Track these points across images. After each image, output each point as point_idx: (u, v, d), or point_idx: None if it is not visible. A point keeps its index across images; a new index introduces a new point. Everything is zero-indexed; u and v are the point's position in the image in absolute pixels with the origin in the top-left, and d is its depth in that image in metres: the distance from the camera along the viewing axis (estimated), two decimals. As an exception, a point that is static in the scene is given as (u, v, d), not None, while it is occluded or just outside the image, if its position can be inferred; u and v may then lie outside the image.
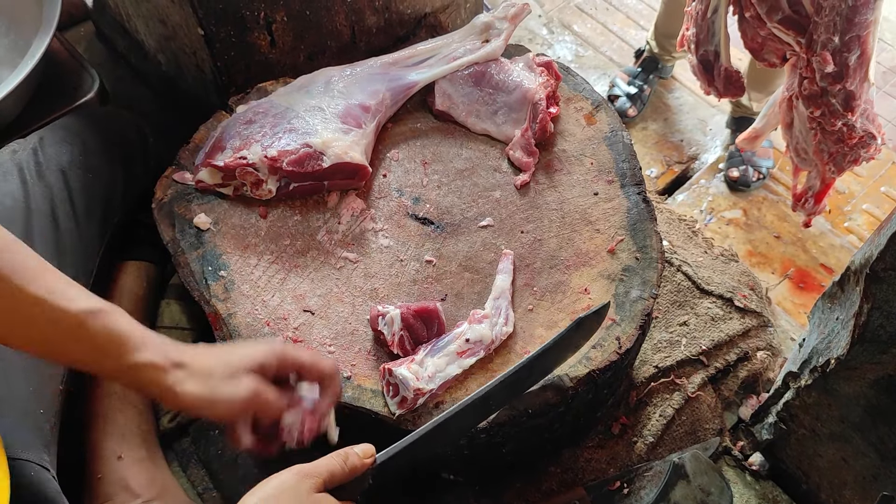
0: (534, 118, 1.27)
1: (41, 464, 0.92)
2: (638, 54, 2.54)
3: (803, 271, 1.99)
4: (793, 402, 1.21)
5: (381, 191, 1.25)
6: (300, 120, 1.21)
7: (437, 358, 1.01)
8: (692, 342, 1.43)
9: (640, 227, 1.19)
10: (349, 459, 0.82)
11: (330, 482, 0.80)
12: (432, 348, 1.02)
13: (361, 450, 0.84)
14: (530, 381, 1.00)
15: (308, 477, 0.78)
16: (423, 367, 0.99)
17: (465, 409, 0.92)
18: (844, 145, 1.38)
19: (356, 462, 0.82)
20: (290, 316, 1.09)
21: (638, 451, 1.31)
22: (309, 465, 0.79)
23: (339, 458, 0.82)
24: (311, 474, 0.78)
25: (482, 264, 1.17)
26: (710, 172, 2.23)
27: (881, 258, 0.88)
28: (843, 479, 1.21)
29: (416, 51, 1.36)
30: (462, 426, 0.95)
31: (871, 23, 1.24)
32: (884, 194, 2.18)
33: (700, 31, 1.56)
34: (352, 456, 0.83)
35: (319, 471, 0.79)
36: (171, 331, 1.31)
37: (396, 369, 0.98)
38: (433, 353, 1.02)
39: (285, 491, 0.76)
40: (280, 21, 1.35)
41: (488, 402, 0.95)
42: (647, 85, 2.39)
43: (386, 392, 1.01)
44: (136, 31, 1.61)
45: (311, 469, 0.79)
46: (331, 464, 0.80)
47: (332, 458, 0.81)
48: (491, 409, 0.97)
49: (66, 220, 1.12)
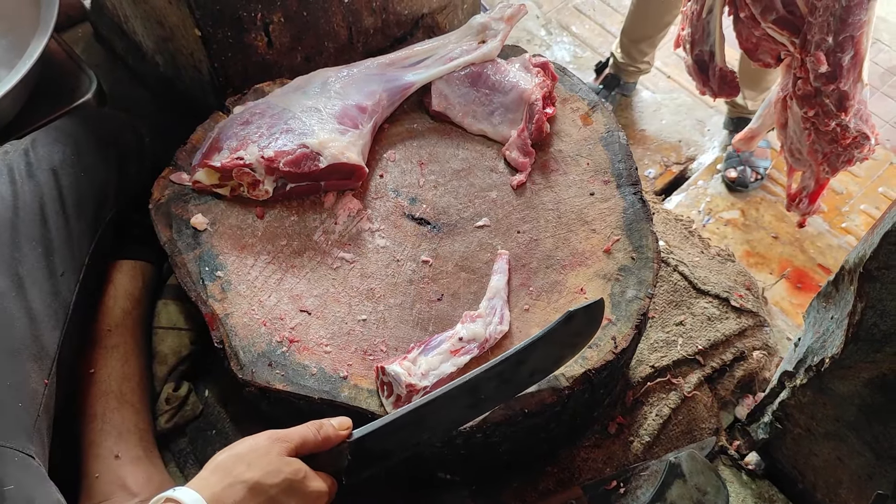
0: (530, 119, 1.27)
1: (25, 451, 0.93)
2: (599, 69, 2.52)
3: (801, 271, 2.00)
4: (788, 401, 1.21)
5: (377, 191, 1.25)
6: (297, 121, 1.21)
7: (430, 356, 1.01)
8: (688, 342, 1.43)
9: (636, 227, 1.19)
10: (323, 428, 0.84)
11: (302, 448, 0.81)
12: (426, 347, 1.03)
13: (337, 422, 0.86)
14: (526, 380, 1.00)
15: (280, 441, 0.80)
16: (416, 364, 1.00)
17: (451, 396, 0.92)
18: (838, 145, 1.39)
19: (330, 432, 0.84)
20: (287, 316, 1.09)
21: (634, 451, 1.32)
22: (282, 430, 0.82)
23: (314, 426, 0.84)
24: (283, 438, 0.81)
25: (478, 264, 1.17)
26: (708, 173, 2.24)
27: (874, 257, 0.89)
28: (838, 478, 1.22)
29: (413, 52, 1.37)
30: (451, 417, 0.94)
31: (864, 23, 1.24)
32: (881, 195, 2.19)
33: (695, 32, 1.57)
34: (326, 426, 0.85)
35: (291, 436, 0.82)
36: (169, 331, 1.31)
37: (389, 367, 0.98)
38: (426, 351, 1.02)
39: (255, 450, 0.79)
40: (277, 22, 1.35)
41: (478, 394, 0.94)
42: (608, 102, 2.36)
43: (381, 392, 1.01)
44: (133, 33, 1.61)
45: (284, 434, 0.81)
46: (304, 431, 0.83)
47: (306, 426, 0.84)
48: (482, 401, 0.96)
49: (55, 217, 1.12)
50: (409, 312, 1.12)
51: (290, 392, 1.01)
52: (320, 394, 1.01)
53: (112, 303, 1.24)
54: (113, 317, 1.23)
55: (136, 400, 1.20)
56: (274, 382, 1.02)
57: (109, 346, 1.21)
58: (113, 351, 1.21)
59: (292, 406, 1.04)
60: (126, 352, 1.22)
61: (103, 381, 1.18)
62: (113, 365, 1.20)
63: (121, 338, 1.22)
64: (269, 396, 1.04)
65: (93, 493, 1.11)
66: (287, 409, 1.06)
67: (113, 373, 1.19)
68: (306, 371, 1.04)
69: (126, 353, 1.22)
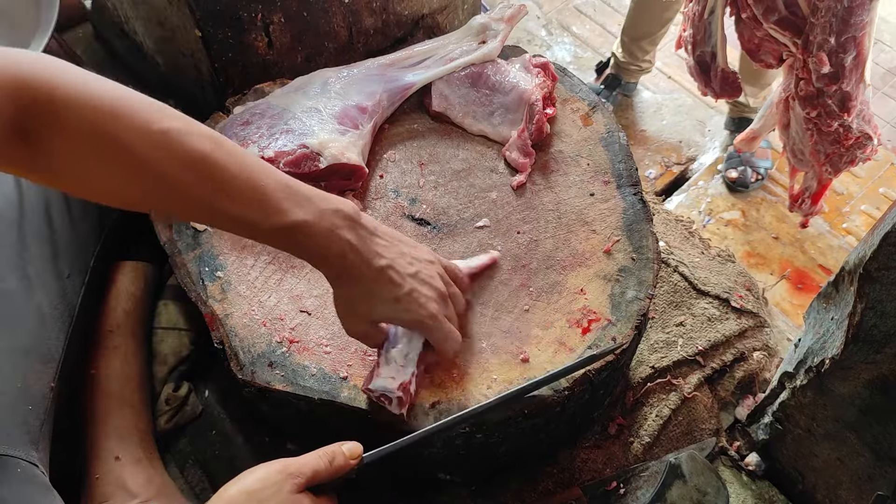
0: (530, 119, 1.27)
1: (28, 460, 0.92)
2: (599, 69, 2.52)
3: (801, 272, 2.00)
4: (788, 402, 1.21)
5: (377, 192, 1.25)
6: (297, 121, 1.21)
7: (395, 349, 0.98)
8: (689, 343, 1.43)
9: (636, 227, 1.19)
10: (335, 460, 0.81)
11: (312, 481, 0.79)
12: (386, 344, 1.00)
13: (349, 449, 0.83)
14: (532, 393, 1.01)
15: (292, 476, 0.77)
16: (389, 363, 0.98)
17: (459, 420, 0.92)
18: (841, 146, 1.39)
19: (342, 463, 0.82)
20: (287, 316, 1.09)
21: (634, 452, 1.32)
22: (294, 464, 0.79)
23: (326, 458, 0.81)
24: (296, 473, 0.78)
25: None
26: (708, 173, 2.24)
27: (874, 258, 0.88)
28: (838, 479, 1.21)
29: (413, 52, 1.37)
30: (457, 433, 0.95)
31: (866, 24, 1.24)
32: (882, 195, 2.19)
33: (697, 33, 1.57)
34: (338, 456, 0.82)
35: (304, 471, 0.78)
36: (169, 332, 1.31)
37: (372, 385, 0.96)
38: (388, 347, 0.99)
39: (267, 487, 0.76)
40: (277, 22, 1.35)
41: (485, 415, 0.95)
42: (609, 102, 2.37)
43: (382, 404, 0.99)
44: (134, 33, 1.62)
45: (297, 468, 0.78)
46: (317, 464, 0.80)
47: (319, 458, 0.81)
48: (489, 420, 0.97)
49: (61, 218, 1.12)
50: (409, 313, 1.11)
51: (290, 392, 1.01)
52: (320, 394, 1.01)
53: (114, 304, 1.24)
54: (114, 318, 1.23)
55: (136, 401, 1.20)
56: (274, 383, 1.02)
57: (111, 347, 1.21)
58: (114, 352, 1.21)
59: (292, 406, 1.04)
60: (127, 353, 1.22)
61: (104, 382, 1.18)
62: (114, 366, 1.20)
63: (122, 339, 1.23)
64: (269, 397, 1.04)
65: (93, 495, 1.11)
66: (287, 410, 1.07)
67: (114, 374, 1.19)
68: (306, 371, 1.04)
69: (127, 354, 1.22)
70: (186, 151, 0.75)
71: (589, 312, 1.10)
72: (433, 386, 1.03)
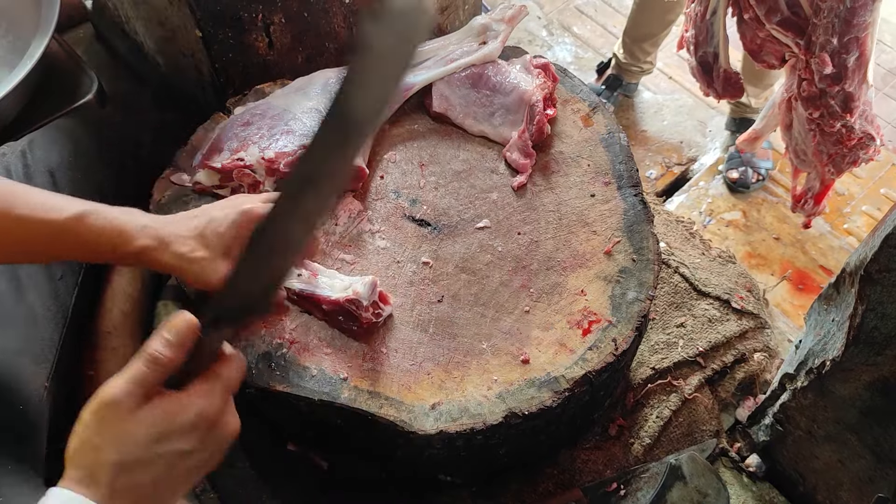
0: (531, 120, 1.27)
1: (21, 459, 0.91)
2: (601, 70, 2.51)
3: (802, 273, 1.99)
4: (789, 403, 1.21)
5: (378, 192, 1.25)
6: (297, 122, 1.21)
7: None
8: (689, 344, 1.43)
9: (636, 228, 1.19)
10: (157, 354, 0.64)
11: (153, 385, 0.64)
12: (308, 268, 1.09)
13: (170, 332, 0.64)
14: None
15: (129, 396, 0.63)
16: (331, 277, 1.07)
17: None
18: (843, 146, 1.39)
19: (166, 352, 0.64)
20: (288, 317, 1.09)
21: (635, 453, 1.31)
22: (110, 389, 0.64)
23: (144, 361, 0.64)
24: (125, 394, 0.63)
25: (479, 266, 1.17)
26: (709, 174, 2.23)
27: (875, 260, 0.88)
28: (839, 481, 1.21)
29: (414, 52, 1.36)
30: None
31: (869, 24, 1.24)
32: (883, 196, 2.18)
33: (699, 33, 1.57)
34: (155, 346, 0.64)
35: (130, 388, 0.63)
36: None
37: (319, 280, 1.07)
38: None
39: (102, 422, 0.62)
40: (278, 23, 1.35)
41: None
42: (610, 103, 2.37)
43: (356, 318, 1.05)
44: (134, 33, 1.61)
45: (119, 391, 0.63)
46: (137, 373, 0.64)
47: (137, 366, 0.64)
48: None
49: None
50: (409, 314, 1.11)
51: (291, 393, 1.01)
52: (320, 395, 1.01)
53: (111, 305, 1.24)
54: (112, 319, 1.23)
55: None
56: (274, 383, 1.02)
57: (109, 348, 1.21)
58: (112, 353, 1.21)
59: (293, 407, 1.04)
60: (126, 354, 1.22)
61: (103, 383, 1.18)
62: (112, 367, 1.20)
63: (120, 340, 1.23)
64: (270, 397, 1.04)
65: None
66: (287, 410, 1.06)
67: (112, 375, 1.19)
68: (306, 372, 1.03)
69: (126, 355, 1.22)
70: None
71: (589, 313, 1.10)
72: (434, 387, 1.03)
